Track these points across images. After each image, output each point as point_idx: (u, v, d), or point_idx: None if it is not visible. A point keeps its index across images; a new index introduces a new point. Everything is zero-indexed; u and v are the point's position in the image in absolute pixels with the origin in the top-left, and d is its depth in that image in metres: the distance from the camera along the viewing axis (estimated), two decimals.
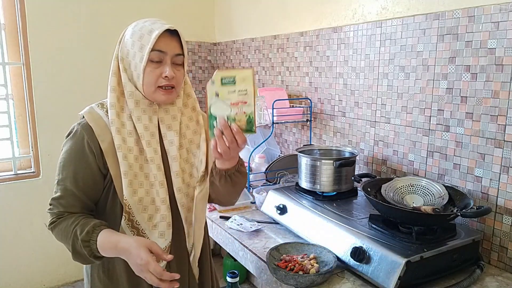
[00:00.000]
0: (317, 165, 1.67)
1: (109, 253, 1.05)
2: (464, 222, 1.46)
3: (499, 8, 1.31)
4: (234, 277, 1.39)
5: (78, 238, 1.04)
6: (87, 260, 1.08)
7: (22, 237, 2.65)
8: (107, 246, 1.04)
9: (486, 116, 1.38)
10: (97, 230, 1.05)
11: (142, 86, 1.10)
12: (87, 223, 1.06)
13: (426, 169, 1.61)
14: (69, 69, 2.62)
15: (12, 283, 2.66)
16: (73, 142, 1.12)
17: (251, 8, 2.67)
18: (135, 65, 1.09)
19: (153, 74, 1.09)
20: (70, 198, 1.10)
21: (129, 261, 1.02)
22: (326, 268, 1.27)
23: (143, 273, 0.99)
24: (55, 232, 1.10)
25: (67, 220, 1.08)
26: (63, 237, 1.08)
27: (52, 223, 1.10)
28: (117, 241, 1.03)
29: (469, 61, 1.41)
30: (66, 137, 1.16)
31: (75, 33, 2.61)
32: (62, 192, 1.10)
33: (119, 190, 1.10)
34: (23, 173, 2.62)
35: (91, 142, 1.10)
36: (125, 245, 1.01)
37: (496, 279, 1.30)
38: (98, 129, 1.11)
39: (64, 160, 1.12)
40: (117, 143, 1.09)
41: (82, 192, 1.11)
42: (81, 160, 1.10)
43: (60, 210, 1.10)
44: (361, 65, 1.87)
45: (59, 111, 2.62)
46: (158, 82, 1.10)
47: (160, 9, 2.87)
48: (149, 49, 1.06)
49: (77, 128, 1.13)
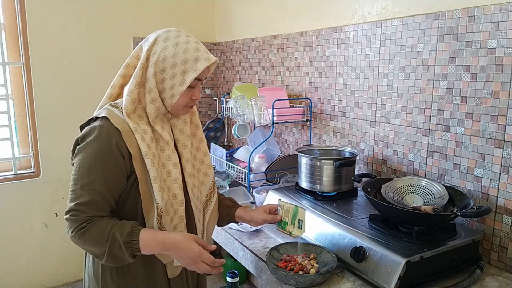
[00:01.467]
0: (317, 165, 1.67)
1: (153, 250, 1.10)
2: (464, 222, 1.46)
3: (499, 8, 1.31)
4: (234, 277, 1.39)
5: (118, 240, 1.05)
6: (122, 261, 1.09)
7: (22, 237, 2.65)
8: (153, 244, 1.09)
9: (486, 116, 1.38)
10: (136, 230, 1.08)
11: (172, 104, 1.17)
12: (124, 225, 1.08)
13: (426, 169, 1.61)
14: (69, 69, 2.62)
15: (12, 283, 2.66)
16: (100, 145, 1.10)
17: (251, 8, 2.67)
18: (172, 85, 1.14)
19: (187, 97, 1.18)
20: (100, 201, 1.09)
21: (178, 255, 1.11)
22: (326, 268, 1.27)
23: (196, 264, 1.11)
24: (85, 238, 1.07)
25: (99, 224, 1.07)
26: (96, 242, 1.06)
27: (81, 228, 1.06)
28: (164, 238, 1.10)
29: (469, 61, 1.41)
30: (83, 140, 1.12)
31: (75, 33, 2.62)
32: (91, 196, 1.08)
33: (144, 193, 1.13)
34: (23, 173, 2.62)
35: (120, 145, 1.10)
36: (174, 241, 1.10)
37: (496, 279, 1.30)
38: (125, 132, 1.12)
39: (90, 163, 1.09)
40: (144, 150, 1.12)
41: (111, 195, 1.11)
42: (111, 163, 1.10)
43: (88, 215, 1.07)
44: (361, 65, 1.87)
45: (59, 111, 2.62)
46: (188, 103, 1.20)
47: (160, 9, 2.87)
48: (193, 77, 1.14)
49: (101, 130, 1.11)
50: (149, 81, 1.14)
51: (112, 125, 1.11)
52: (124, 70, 1.22)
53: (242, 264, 1.54)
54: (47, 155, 2.63)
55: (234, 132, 2.31)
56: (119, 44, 2.76)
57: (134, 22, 2.78)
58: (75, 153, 1.13)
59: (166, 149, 1.18)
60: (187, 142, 1.26)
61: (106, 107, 1.18)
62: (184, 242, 1.10)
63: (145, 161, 1.12)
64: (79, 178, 1.09)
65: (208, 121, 2.86)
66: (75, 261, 2.82)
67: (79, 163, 1.10)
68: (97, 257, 1.09)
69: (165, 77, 1.14)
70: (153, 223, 1.14)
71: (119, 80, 1.22)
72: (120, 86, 1.22)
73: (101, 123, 1.12)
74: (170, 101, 1.16)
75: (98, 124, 1.13)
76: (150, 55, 1.14)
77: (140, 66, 1.14)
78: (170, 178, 1.18)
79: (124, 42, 2.77)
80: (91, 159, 1.09)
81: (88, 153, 1.10)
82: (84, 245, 1.08)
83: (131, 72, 1.20)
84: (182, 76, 1.14)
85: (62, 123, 2.63)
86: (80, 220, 1.07)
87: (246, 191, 1.97)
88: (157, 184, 1.13)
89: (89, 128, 1.14)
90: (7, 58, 2.51)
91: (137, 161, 1.12)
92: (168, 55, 1.13)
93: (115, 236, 1.06)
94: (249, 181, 2.08)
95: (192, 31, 1.28)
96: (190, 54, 1.13)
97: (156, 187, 1.13)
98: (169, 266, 1.21)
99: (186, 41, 1.15)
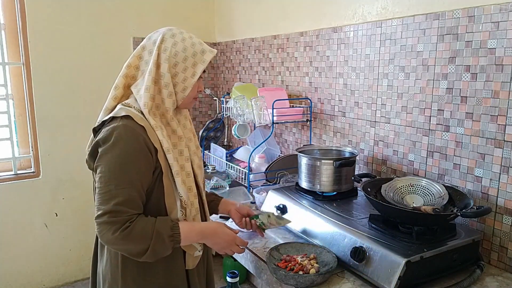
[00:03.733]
0: (317, 165, 1.67)
1: (193, 239, 1.21)
2: (464, 222, 1.46)
3: (499, 8, 1.31)
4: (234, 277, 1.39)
5: (162, 235, 1.10)
6: (160, 255, 1.13)
7: (22, 237, 2.65)
8: (193, 234, 1.20)
9: (486, 116, 1.38)
10: (176, 224, 1.15)
11: (184, 97, 1.22)
12: (164, 220, 1.14)
13: (426, 169, 1.61)
14: (69, 69, 2.62)
15: (12, 283, 2.66)
16: (128, 142, 1.11)
17: (251, 8, 2.67)
18: (184, 78, 1.20)
19: (195, 89, 1.26)
20: (137, 198, 1.11)
21: (214, 241, 1.24)
22: (326, 268, 1.27)
23: (231, 246, 1.27)
24: (130, 237, 1.07)
25: (140, 222, 1.10)
26: (140, 239, 1.08)
27: (125, 228, 1.07)
28: (202, 228, 1.23)
29: (469, 61, 1.41)
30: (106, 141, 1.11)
31: (75, 33, 2.62)
32: (128, 194, 1.09)
33: (167, 187, 1.18)
34: (23, 173, 2.62)
35: (146, 141, 1.13)
36: (212, 229, 1.24)
37: (496, 279, 1.30)
38: (148, 129, 1.15)
39: (122, 162, 1.10)
40: (165, 146, 1.17)
41: (144, 190, 1.14)
42: (142, 159, 1.12)
43: (129, 214, 1.09)
44: (361, 65, 1.87)
45: (59, 111, 2.62)
46: (195, 95, 1.28)
47: (160, 9, 2.87)
48: (203, 69, 1.21)
49: (126, 129, 1.12)
50: (164, 77, 1.18)
51: (135, 123, 1.13)
52: (126, 70, 1.23)
53: (242, 264, 1.54)
54: (47, 155, 2.63)
55: (234, 132, 2.31)
56: (119, 44, 2.76)
57: (134, 22, 2.78)
58: (99, 155, 1.12)
59: (178, 145, 1.23)
60: (191, 136, 1.32)
61: (121, 107, 1.18)
62: (219, 228, 1.25)
63: (167, 156, 1.17)
64: (113, 178, 1.09)
65: (208, 121, 2.86)
66: (75, 261, 2.82)
67: (108, 164, 1.10)
68: (137, 255, 1.10)
69: (177, 71, 1.19)
70: (178, 216, 1.20)
71: (122, 81, 1.23)
72: (124, 87, 1.23)
73: (124, 122, 1.13)
74: (182, 94, 1.21)
75: (121, 123, 1.13)
76: (161, 51, 1.18)
77: (153, 63, 1.17)
78: (184, 172, 1.23)
79: (124, 42, 2.77)
80: (121, 158, 1.10)
81: (118, 152, 1.10)
82: (127, 245, 1.09)
83: (133, 72, 1.23)
84: (193, 69, 1.20)
85: (62, 123, 2.63)
86: (121, 221, 1.07)
87: (246, 191, 1.97)
88: (180, 178, 1.19)
89: (111, 128, 1.12)
90: (7, 58, 2.51)
91: (161, 156, 1.16)
92: (179, 49, 1.19)
93: (159, 231, 1.10)
94: (249, 181, 2.08)
95: (192, 31, 1.29)
96: (197, 47, 1.22)
97: (179, 180, 1.18)
98: (190, 257, 1.25)
99: (189, 36, 1.23)
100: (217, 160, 2.44)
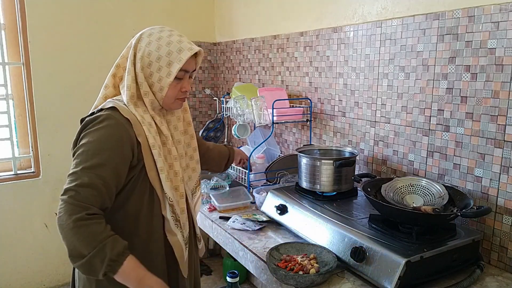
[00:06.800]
0: (317, 165, 1.67)
1: (127, 279, 1.05)
2: (464, 222, 1.46)
3: (499, 8, 1.31)
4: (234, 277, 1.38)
5: (105, 254, 1.01)
6: (91, 273, 1.03)
7: (22, 237, 2.64)
8: (132, 275, 1.05)
9: (486, 116, 1.38)
10: (126, 253, 1.05)
11: (162, 97, 1.20)
12: (118, 242, 1.04)
13: (426, 169, 1.61)
14: (69, 69, 2.62)
15: (12, 283, 2.65)
16: (109, 130, 1.10)
17: (251, 8, 2.67)
18: (159, 78, 1.18)
19: (175, 89, 1.21)
20: (100, 188, 1.05)
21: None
22: (326, 268, 1.27)
23: None
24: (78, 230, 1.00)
25: (96, 226, 1.02)
26: (84, 241, 1.01)
27: (81, 219, 1.00)
28: (144, 275, 1.07)
29: (469, 61, 1.41)
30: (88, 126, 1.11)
31: (75, 33, 2.61)
32: (91, 179, 1.04)
33: (153, 181, 1.17)
34: (23, 173, 2.62)
35: (129, 133, 1.12)
36: (151, 282, 1.08)
37: (496, 279, 1.30)
38: (134, 122, 1.14)
39: (96, 147, 1.08)
40: (151, 142, 1.16)
41: (114, 182, 1.09)
42: (118, 150, 1.10)
43: (88, 203, 1.03)
44: (361, 65, 1.87)
45: (59, 111, 2.62)
46: (177, 95, 1.23)
47: (160, 9, 2.87)
48: (178, 68, 1.16)
49: (110, 117, 1.12)
50: (138, 76, 1.18)
51: (120, 115, 1.14)
52: (115, 70, 1.25)
53: (242, 264, 1.54)
54: (47, 155, 2.63)
55: (234, 132, 2.31)
56: (119, 44, 2.71)
57: (134, 22, 2.78)
58: (80, 137, 1.12)
59: (166, 143, 1.23)
60: (180, 138, 1.31)
61: (110, 100, 1.20)
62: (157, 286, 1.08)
63: (152, 152, 1.16)
64: (82, 161, 1.06)
65: (208, 121, 2.85)
66: None
67: (83, 147, 1.08)
68: (72, 256, 1.02)
69: (152, 71, 1.18)
70: (167, 213, 1.20)
71: (112, 80, 1.25)
72: (113, 86, 1.25)
73: (109, 112, 1.14)
74: (160, 94, 1.19)
75: (105, 113, 1.13)
76: (136, 51, 1.19)
77: (130, 63, 1.18)
78: (172, 171, 1.23)
79: (124, 43, 2.72)
80: (97, 144, 1.08)
81: (96, 137, 1.09)
82: (72, 237, 1.01)
83: (120, 72, 1.24)
84: (168, 68, 1.17)
85: (62, 123, 2.63)
86: (80, 206, 1.02)
87: (246, 191, 1.97)
88: (164, 174, 1.18)
89: (94, 117, 1.13)
90: (7, 58, 2.51)
91: (146, 150, 1.15)
92: (152, 49, 1.17)
93: (105, 248, 1.01)
94: (249, 181, 2.08)
95: (192, 31, 1.31)
96: (173, 46, 1.17)
97: (164, 177, 1.18)
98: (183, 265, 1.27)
99: (169, 34, 1.19)
100: None
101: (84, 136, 1.11)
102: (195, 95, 3.14)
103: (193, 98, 3.13)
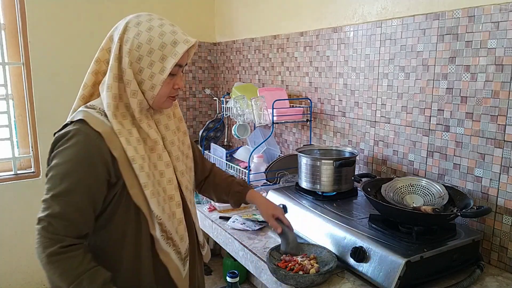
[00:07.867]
0: (317, 165, 1.67)
1: None
2: (464, 222, 1.46)
3: (499, 8, 1.31)
4: (234, 277, 1.39)
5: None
6: None
7: (22, 237, 2.64)
8: None
9: (486, 116, 1.38)
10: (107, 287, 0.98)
11: (154, 96, 1.06)
12: (97, 275, 0.97)
13: (426, 169, 1.61)
14: (69, 69, 2.62)
15: (12, 283, 2.65)
16: (77, 149, 0.99)
17: (251, 8, 2.67)
18: (151, 75, 1.03)
19: (169, 86, 1.08)
20: (73, 214, 0.97)
21: None
22: (326, 268, 1.27)
23: None
24: (52, 266, 0.95)
25: (72, 259, 0.96)
26: (61, 276, 0.95)
27: (55, 254, 0.94)
28: None
29: (469, 61, 1.41)
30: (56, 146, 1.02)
31: (75, 33, 2.61)
32: (61, 207, 0.96)
33: (137, 199, 1.04)
34: (23, 173, 2.62)
35: (101, 149, 1.00)
36: None
37: (496, 279, 1.30)
38: (106, 135, 1.01)
39: (64, 171, 0.98)
40: (130, 155, 1.01)
41: (90, 206, 0.99)
42: (90, 169, 0.98)
43: (60, 234, 0.96)
44: (361, 65, 1.87)
45: (59, 111, 2.60)
46: (170, 93, 1.09)
47: (160, 9, 2.87)
48: (174, 63, 1.02)
49: (77, 134, 1.00)
50: (125, 73, 1.02)
51: (90, 128, 1.00)
52: (95, 66, 1.10)
53: (242, 264, 1.54)
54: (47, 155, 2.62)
55: (234, 132, 2.31)
56: None
57: None
58: (51, 157, 1.03)
59: (155, 149, 1.09)
60: (174, 138, 1.16)
61: (81, 109, 1.06)
62: None
63: (133, 166, 1.01)
64: (51, 187, 0.98)
65: (208, 121, 2.86)
66: None
67: (52, 170, 0.99)
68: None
69: (142, 66, 1.02)
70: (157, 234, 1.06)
71: (91, 78, 1.10)
72: (93, 85, 1.11)
73: (77, 126, 1.01)
74: (151, 93, 1.05)
75: (73, 127, 1.01)
76: (123, 43, 1.03)
77: (114, 57, 1.02)
78: (164, 179, 1.09)
79: None
80: (65, 166, 0.98)
81: (63, 158, 0.98)
82: (47, 271, 0.96)
83: (103, 67, 1.09)
84: (162, 63, 1.02)
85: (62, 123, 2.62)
86: (53, 239, 0.95)
87: None
88: (149, 190, 1.04)
89: (63, 133, 1.02)
90: (7, 58, 2.51)
91: (124, 166, 1.01)
92: (143, 41, 1.02)
93: (82, 283, 0.94)
94: (249, 181, 2.08)
95: (192, 31, 1.29)
96: (167, 38, 1.02)
97: (148, 193, 1.04)
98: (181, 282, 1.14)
99: (160, 24, 1.04)
100: (217, 160, 2.44)
101: (54, 156, 1.01)
102: (195, 95, 3.14)
103: (193, 98, 3.13)
